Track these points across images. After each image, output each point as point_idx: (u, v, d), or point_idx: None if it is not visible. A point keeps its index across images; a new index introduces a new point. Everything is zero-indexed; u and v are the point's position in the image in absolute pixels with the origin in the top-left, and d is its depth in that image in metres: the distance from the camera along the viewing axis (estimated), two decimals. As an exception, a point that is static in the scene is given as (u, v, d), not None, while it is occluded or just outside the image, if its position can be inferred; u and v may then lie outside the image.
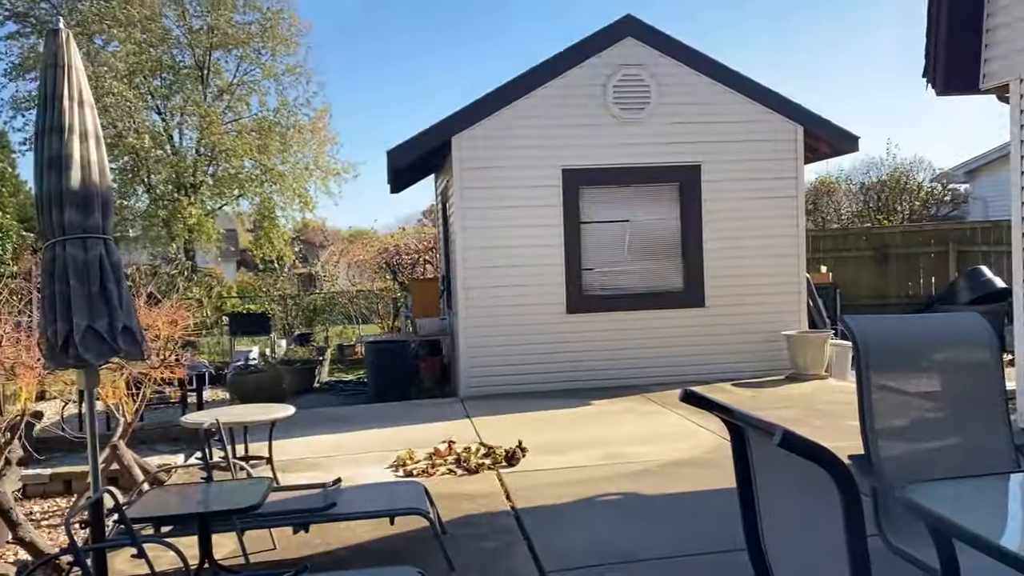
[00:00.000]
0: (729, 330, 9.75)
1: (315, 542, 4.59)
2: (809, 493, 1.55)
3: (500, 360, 9.40)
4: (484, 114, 9.29)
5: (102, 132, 3.72)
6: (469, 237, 9.38)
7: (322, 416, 8.59)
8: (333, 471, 5.97)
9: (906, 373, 3.06)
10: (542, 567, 4.11)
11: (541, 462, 6.20)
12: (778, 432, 1.39)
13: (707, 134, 9.62)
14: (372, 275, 18.88)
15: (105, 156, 3.66)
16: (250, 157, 20.91)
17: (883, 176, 21.57)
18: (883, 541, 2.92)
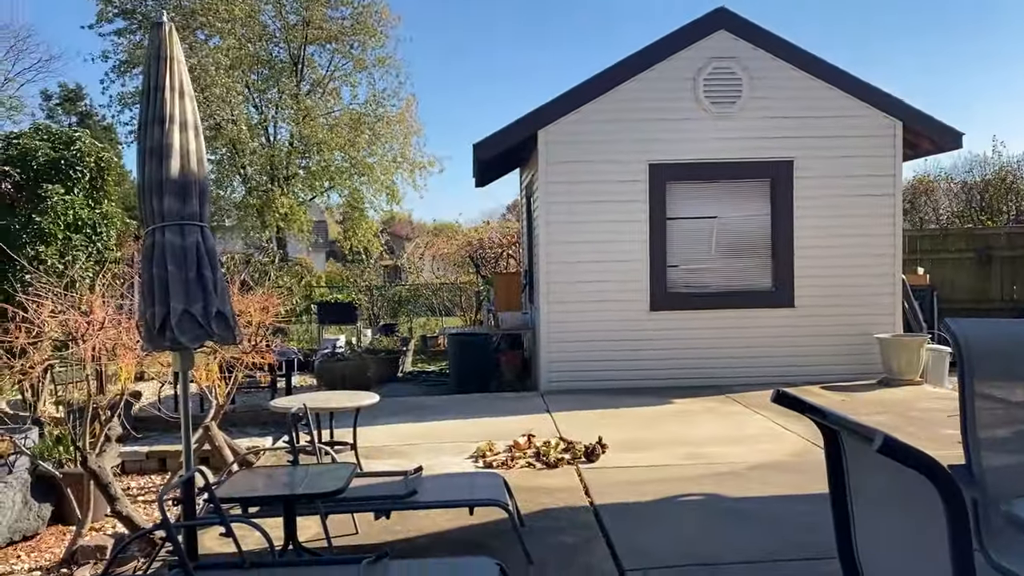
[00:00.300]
0: (819, 331, 9.46)
1: (396, 528, 4.66)
2: (909, 502, 1.47)
3: (581, 356, 9.36)
4: (571, 107, 9.24)
5: (201, 123, 3.84)
6: (553, 231, 9.35)
7: (405, 405, 8.71)
8: (414, 459, 6.05)
9: (1012, 380, 2.90)
10: (621, 565, 4.06)
11: (621, 459, 6.14)
12: (879, 437, 1.32)
13: (801, 129, 9.34)
14: (456, 268, 19.07)
15: (203, 146, 3.79)
16: (340, 150, 21.37)
17: (987, 175, 20.53)
18: (984, 556, 2.77)
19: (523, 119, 9.35)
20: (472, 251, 17.41)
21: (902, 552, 1.59)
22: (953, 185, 21.49)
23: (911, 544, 1.52)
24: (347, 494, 4.14)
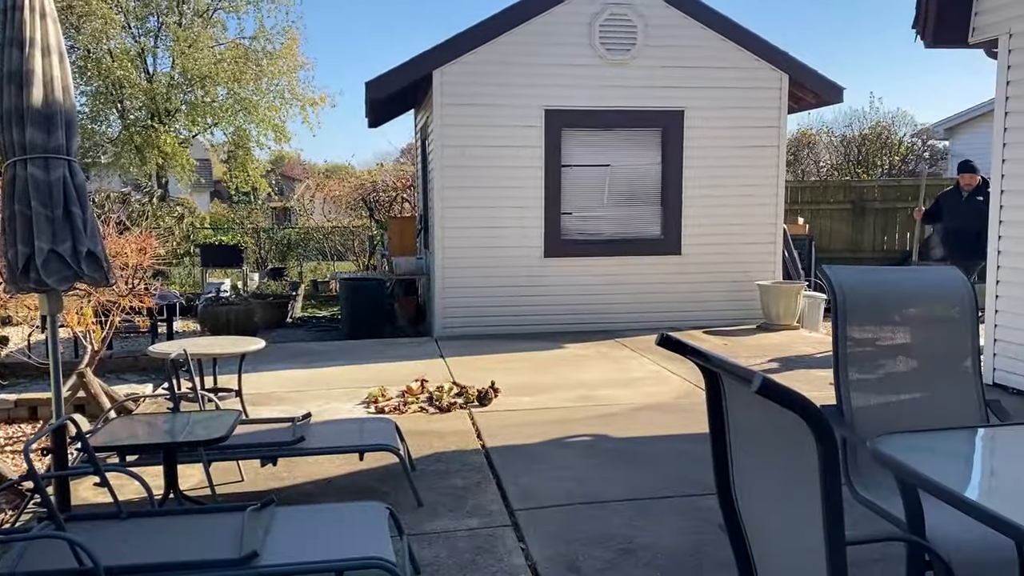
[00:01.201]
0: (704, 278, 9.77)
1: (283, 475, 4.58)
2: (784, 442, 1.53)
3: (476, 301, 9.37)
4: (467, 48, 9.07)
5: (71, 52, 3.55)
6: (448, 176, 9.24)
7: (294, 351, 8.54)
8: (303, 406, 5.95)
9: (881, 325, 3.05)
10: (510, 505, 4.13)
11: (513, 403, 6.22)
12: (756, 379, 1.35)
13: (692, 79, 9.48)
14: (348, 211, 18.65)
15: (69, 73, 3.51)
16: (225, 85, 20.36)
17: (864, 130, 21.53)
18: (850, 491, 2.94)
19: (418, 58, 9.12)
20: (365, 194, 17.05)
21: (777, 489, 1.65)
22: (833, 139, 22.43)
23: (785, 481, 1.58)
24: (232, 441, 4.03)
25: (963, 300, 3.08)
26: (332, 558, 2.90)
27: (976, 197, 8.27)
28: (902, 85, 49.77)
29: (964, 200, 8.50)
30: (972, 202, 8.31)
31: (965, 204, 8.45)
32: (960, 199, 8.57)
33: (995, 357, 6.60)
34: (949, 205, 8.71)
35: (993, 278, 6.64)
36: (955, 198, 8.65)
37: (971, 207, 8.26)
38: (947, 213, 8.71)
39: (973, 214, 8.10)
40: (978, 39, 6.72)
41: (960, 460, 2.37)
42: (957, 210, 8.53)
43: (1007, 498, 2.11)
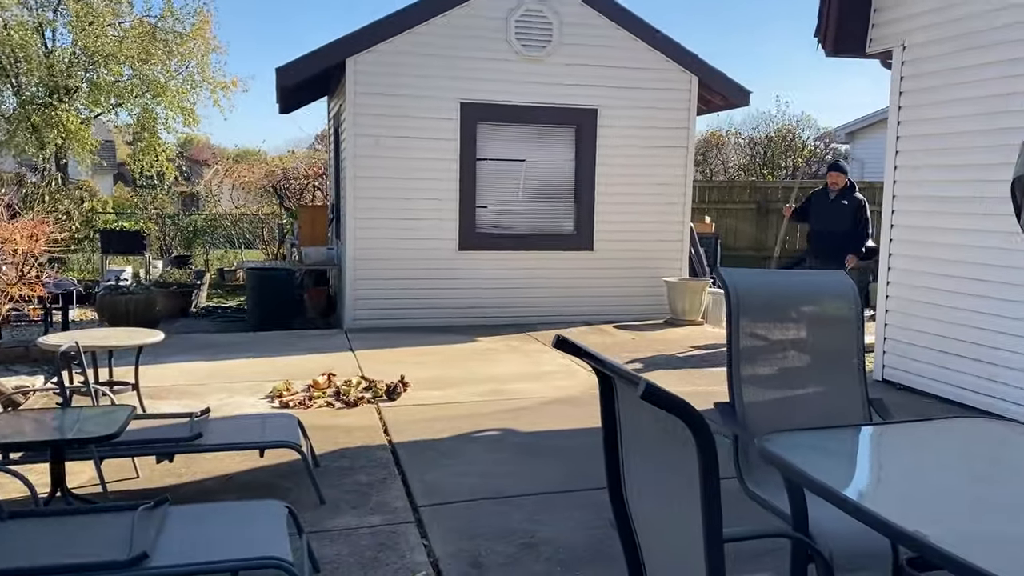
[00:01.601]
0: (615, 274, 9.94)
1: (181, 472, 4.46)
2: (669, 442, 1.57)
3: (388, 294, 9.29)
4: (381, 37, 8.96)
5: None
6: (361, 165, 9.12)
7: (197, 342, 8.30)
8: (205, 400, 5.80)
9: (773, 325, 3.16)
10: (414, 501, 4.12)
11: (423, 397, 6.20)
12: (641, 384, 1.38)
13: (606, 78, 9.61)
14: (258, 198, 18.18)
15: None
16: (131, 65, 19.55)
17: (771, 132, 22.24)
18: (740, 485, 3.04)
19: (331, 45, 8.97)
20: (276, 181, 16.66)
21: (662, 487, 1.70)
22: (741, 140, 23.09)
23: (669, 480, 1.63)
24: (125, 437, 3.89)
25: (849, 301, 3.22)
26: (226, 558, 2.84)
27: (841, 200, 8.24)
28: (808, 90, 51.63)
29: (831, 202, 8.35)
30: (837, 204, 8.25)
31: (831, 206, 8.33)
32: (827, 200, 8.42)
33: (884, 355, 6.93)
34: (817, 205, 8.55)
35: (884, 279, 6.96)
36: (823, 199, 8.50)
37: (836, 209, 8.24)
38: (814, 214, 8.58)
39: (838, 216, 8.17)
40: (875, 50, 7.02)
41: (842, 458, 2.48)
42: (823, 211, 8.41)
43: (883, 496, 2.22)
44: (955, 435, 2.66)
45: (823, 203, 8.46)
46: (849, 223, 8.17)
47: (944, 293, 6.32)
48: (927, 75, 6.51)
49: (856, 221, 8.19)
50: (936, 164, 6.44)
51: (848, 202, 8.21)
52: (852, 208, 8.19)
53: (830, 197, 8.38)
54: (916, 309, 6.61)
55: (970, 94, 6.09)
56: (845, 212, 8.17)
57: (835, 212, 8.23)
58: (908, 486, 2.27)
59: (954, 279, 6.23)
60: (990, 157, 5.80)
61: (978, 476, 2.31)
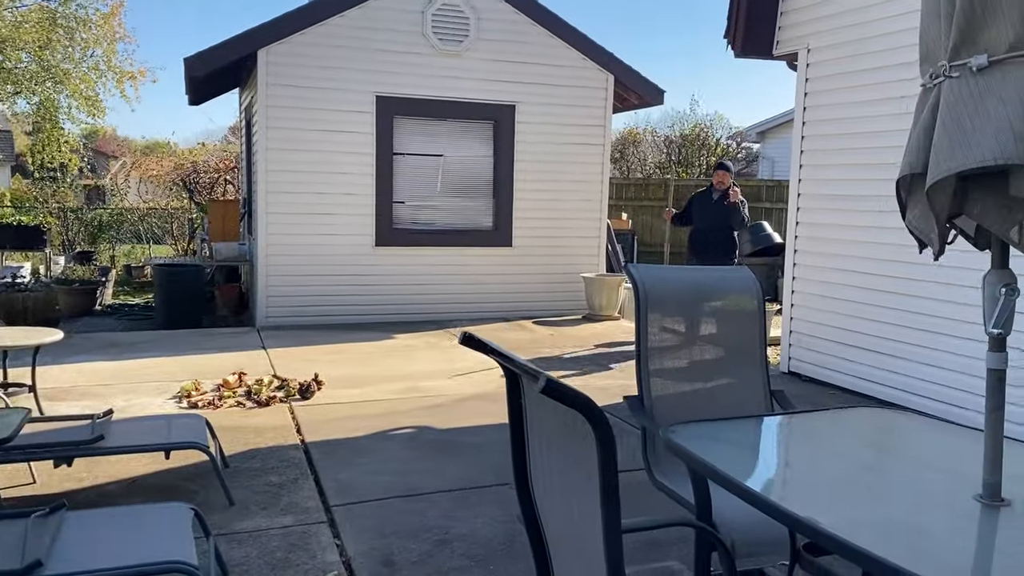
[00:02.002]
0: (534, 270, 10.00)
1: (82, 476, 4.29)
2: (571, 436, 1.59)
3: (302, 291, 9.13)
4: (294, 28, 8.79)
5: None
6: (273, 158, 8.93)
7: (101, 341, 7.99)
8: (108, 401, 5.59)
9: (680, 319, 3.24)
10: (327, 501, 4.06)
11: (337, 395, 6.12)
12: (542, 379, 1.40)
13: (523, 75, 9.66)
14: (167, 192, 17.60)
15: None
16: (29, 51, 18.63)
17: (685, 130, 22.75)
18: (648, 476, 3.11)
19: (242, 35, 8.75)
20: (186, 174, 16.15)
21: (566, 481, 1.72)
22: (657, 138, 23.54)
23: (572, 474, 1.65)
24: (20, 441, 3.72)
25: (752, 295, 3.31)
26: (127, 564, 2.74)
27: (724, 200, 8.21)
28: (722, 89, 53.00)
29: (714, 201, 8.28)
30: (720, 204, 8.21)
31: (715, 205, 8.26)
32: (711, 200, 8.34)
33: (790, 347, 7.18)
34: (701, 206, 8.45)
35: (789, 274, 7.20)
36: (707, 199, 8.43)
37: (720, 208, 8.20)
38: (698, 214, 8.45)
39: (722, 215, 8.17)
40: (781, 52, 7.25)
41: (743, 448, 2.55)
42: (707, 211, 8.33)
43: (781, 485, 2.30)
44: (849, 424, 2.77)
45: (706, 203, 8.40)
46: (732, 222, 8.26)
47: (845, 288, 6.59)
48: (829, 77, 6.76)
49: (737, 220, 8.26)
50: (837, 163, 6.69)
51: (728, 201, 8.24)
52: (735, 207, 8.23)
53: (714, 197, 8.34)
54: (819, 303, 6.87)
55: (868, 96, 6.35)
56: (729, 211, 8.20)
57: (720, 211, 8.20)
58: (804, 474, 2.35)
59: (854, 274, 6.49)
60: (887, 157, 6.06)
61: (869, 463, 2.41)
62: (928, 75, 1.94)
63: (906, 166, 1.94)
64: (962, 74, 1.82)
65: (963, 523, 1.91)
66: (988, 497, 1.93)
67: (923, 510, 2.00)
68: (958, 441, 2.59)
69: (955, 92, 1.83)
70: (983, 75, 1.80)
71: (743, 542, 2.54)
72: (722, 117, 29.54)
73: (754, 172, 22.87)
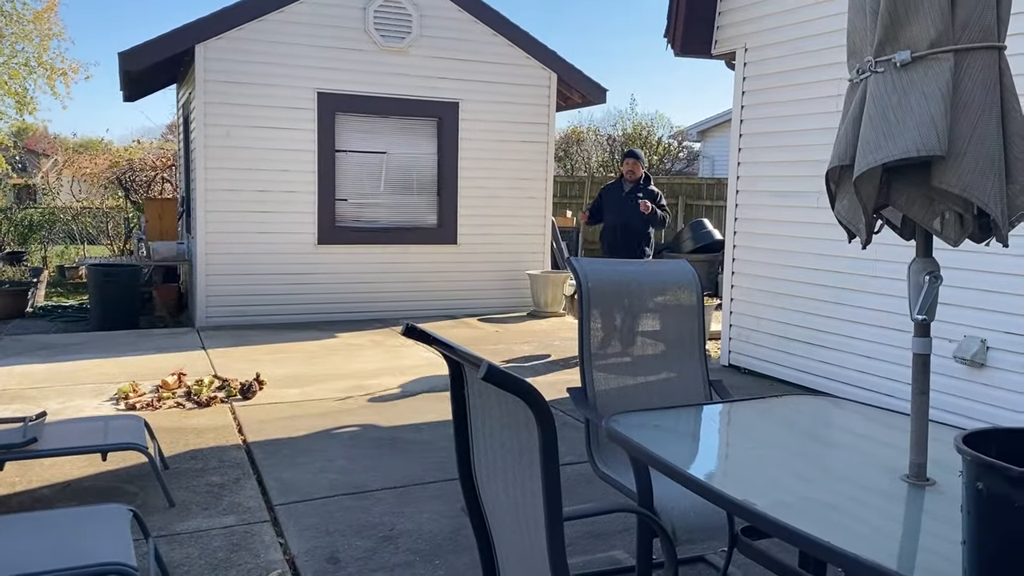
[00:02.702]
0: (479, 267, 10.01)
1: (14, 480, 4.16)
2: (513, 423, 1.61)
3: (243, 290, 8.98)
4: (233, 23, 8.64)
5: None
6: (212, 156, 8.77)
7: (32, 343, 7.75)
8: (41, 404, 5.43)
9: (621, 312, 3.29)
10: (270, 500, 4.02)
11: (280, 395, 6.04)
12: (483, 366, 1.41)
13: (467, 72, 9.65)
14: (102, 191, 17.12)
15: None
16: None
17: (627, 129, 22.99)
18: (592, 467, 3.15)
19: (179, 30, 8.56)
20: (121, 173, 15.73)
21: (508, 469, 1.73)
22: (600, 137, 23.74)
23: (515, 461, 1.66)
24: (-54, 446, 3.61)
25: (692, 289, 3.38)
26: (62, 567, 2.67)
27: (636, 193, 7.55)
28: (662, 89, 53.69)
29: (626, 194, 7.61)
30: (633, 197, 7.53)
31: (627, 198, 7.58)
32: (621, 193, 7.67)
33: (730, 341, 7.32)
34: (611, 200, 7.72)
35: (729, 270, 7.35)
36: (617, 192, 7.73)
37: (633, 202, 7.51)
38: (608, 208, 7.74)
39: (636, 210, 7.46)
40: (719, 51, 7.39)
41: (682, 436, 2.61)
42: (619, 205, 7.62)
43: (718, 470, 2.36)
44: (784, 411, 2.85)
45: (617, 196, 7.70)
46: (646, 217, 7.52)
47: (782, 282, 6.74)
48: (766, 76, 6.91)
49: (653, 214, 7.52)
50: (774, 161, 6.85)
51: (644, 195, 7.56)
52: (651, 213, 7.50)
53: (625, 189, 7.68)
54: (758, 297, 7.02)
55: (804, 95, 6.52)
56: (638, 206, 7.48)
57: (632, 205, 7.50)
58: (741, 460, 2.41)
59: (791, 268, 6.66)
60: (822, 154, 6.20)
61: (803, 448, 2.48)
62: (855, 70, 2.01)
63: (835, 158, 2.01)
64: (887, 69, 1.89)
65: (892, 502, 1.98)
66: (914, 477, 2.01)
67: (854, 491, 2.07)
68: (888, 425, 2.69)
69: (880, 86, 1.90)
70: (906, 70, 1.87)
71: (684, 528, 2.60)
72: (663, 116, 30.00)
73: (695, 171, 23.23)
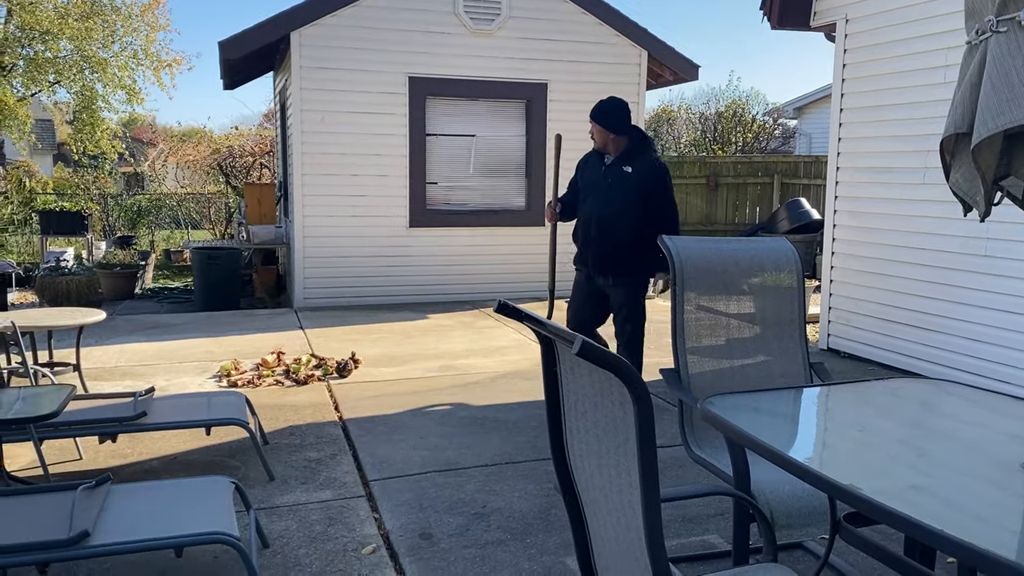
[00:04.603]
0: (567, 249, 9.92)
1: (126, 452, 4.38)
2: (607, 402, 1.58)
3: (338, 272, 9.19)
4: (327, 10, 8.79)
5: None
6: (308, 141, 8.98)
7: (142, 323, 8.13)
8: (150, 381, 5.69)
9: (717, 293, 3.20)
10: (365, 476, 4.10)
11: (374, 374, 6.16)
12: (577, 342, 1.38)
13: (555, 53, 9.57)
14: (204, 177, 17.81)
15: None
16: (71, 41, 18.91)
17: (721, 107, 22.43)
18: (686, 450, 3.09)
19: (275, 18, 8.77)
20: (222, 159, 16.33)
21: (603, 448, 1.71)
22: (692, 116, 23.24)
23: (609, 441, 1.64)
24: (67, 417, 3.82)
25: (792, 268, 3.26)
26: (171, 535, 2.80)
27: (624, 167, 4.85)
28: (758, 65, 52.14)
29: (607, 169, 4.93)
30: (620, 174, 4.85)
31: (609, 176, 4.91)
32: (601, 167, 4.97)
33: (829, 324, 7.07)
34: (588, 176, 5.08)
35: (828, 250, 7.09)
36: (595, 165, 5.02)
37: (620, 183, 4.85)
38: (586, 191, 5.06)
39: (623, 193, 4.82)
40: (818, 23, 7.10)
41: (782, 418, 2.52)
42: (596, 185, 4.96)
43: (821, 454, 2.27)
44: (889, 395, 2.72)
45: (594, 173, 5.01)
46: (634, 204, 4.81)
47: (886, 262, 6.46)
48: (868, 48, 6.60)
49: (653, 203, 4.82)
50: (877, 136, 6.55)
51: (633, 169, 4.82)
52: (643, 180, 4.81)
53: (606, 161, 4.96)
54: (859, 278, 6.75)
55: (909, 67, 6.20)
56: (629, 187, 4.81)
57: (621, 186, 4.84)
58: (846, 444, 2.32)
59: (895, 248, 6.37)
60: (929, 128, 5.92)
61: (912, 432, 2.37)
62: (974, 31, 1.88)
63: (950, 125, 1.89)
64: (1010, 29, 1.77)
65: (1008, 490, 1.87)
66: (1036, 465, 1.88)
67: (968, 478, 1.96)
68: (1001, 411, 2.54)
69: (1002, 48, 1.77)
70: (1032, 29, 1.74)
71: (781, 513, 2.52)
72: (758, 93, 29.12)
73: (791, 149, 22.52)
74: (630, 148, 4.95)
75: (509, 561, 3.22)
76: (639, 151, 4.95)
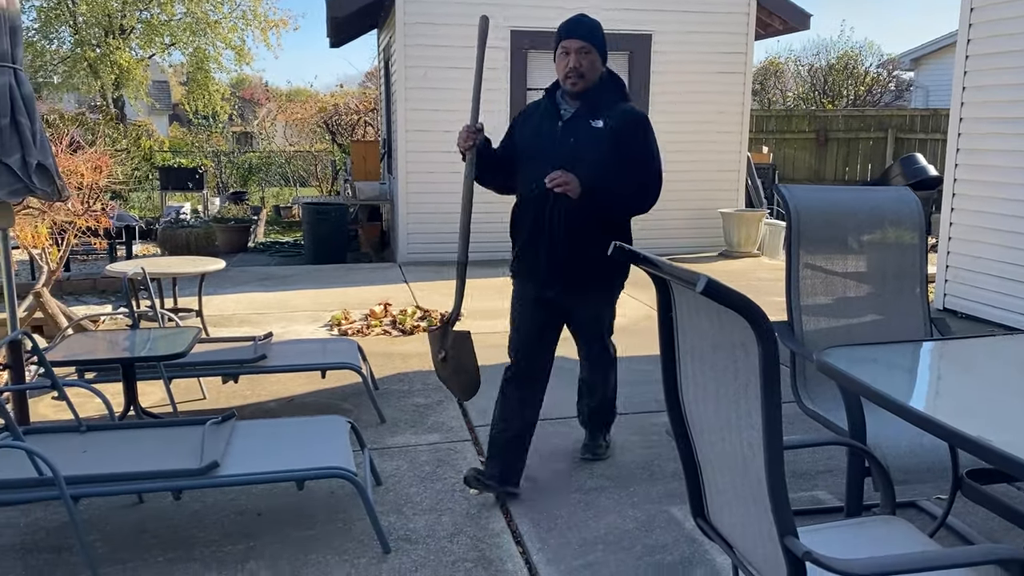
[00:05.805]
0: (667, 206, 9.61)
1: (245, 393, 4.61)
2: (728, 343, 1.57)
3: (440, 227, 9.31)
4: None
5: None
6: (411, 98, 9.09)
7: (256, 274, 8.48)
8: (266, 327, 5.95)
9: (835, 246, 3.11)
10: (470, 422, 4.21)
11: (477, 326, 6.25)
12: (701, 280, 1.38)
13: (659, 2, 9.34)
14: (310, 135, 18.29)
15: (11, -23, 3.35)
16: (183, 4, 19.62)
17: (832, 60, 21.47)
18: (799, 405, 3.04)
19: (380, -25, 8.87)
20: (328, 117, 16.71)
21: (721, 391, 1.70)
22: (801, 68, 22.33)
23: (728, 383, 1.63)
24: (192, 359, 4.05)
25: (914, 219, 3.14)
26: (294, 468, 2.96)
27: (592, 120, 3.36)
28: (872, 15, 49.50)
29: (567, 123, 3.39)
30: (587, 129, 3.35)
31: (568, 131, 3.38)
32: (556, 122, 3.41)
33: (946, 283, 6.77)
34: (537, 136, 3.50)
35: (947, 206, 6.75)
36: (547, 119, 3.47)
37: (587, 139, 3.34)
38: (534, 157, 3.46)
39: (594, 155, 3.31)
40: (945, -35, 6.69)
41: (901, 370, 2.45)
42: (558, 146, 3.36)
43: (943, 406, 2.20)
44: (1017, 350, 2.60)
45: (545, 127, 3.45)
46: (613, 175, 3.33)
47: (1009, 218, 6.12)
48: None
49: (635, 163, 3.39)
50: (1006, 84, 6.16)
51: (605, 123, 3.34)
52: (621, 137, 3.36)
53: (563, 111, 3.43)
54: (980, 235, 6.42)
55: (1047, 8, 5.79)
56: (603, 149, 3.32)
57: (587, 143, 3.34)
58: (968, 398, 2.24)
59: (1019, 203, 6.02)
60: (1066, 75, 5.53)
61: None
62: None
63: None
64: None
65: None
66: None
67: (1107, 435, 1.87)
68: None
69: None
70: None
71: (898, 468, 2.47)
72: (872, 44, 27.71)
73: (906, 102, 21.39)
74: (601, 92, 3.35)
75: (612, 508, 3.26)
76: (612, 97, 3.40)
